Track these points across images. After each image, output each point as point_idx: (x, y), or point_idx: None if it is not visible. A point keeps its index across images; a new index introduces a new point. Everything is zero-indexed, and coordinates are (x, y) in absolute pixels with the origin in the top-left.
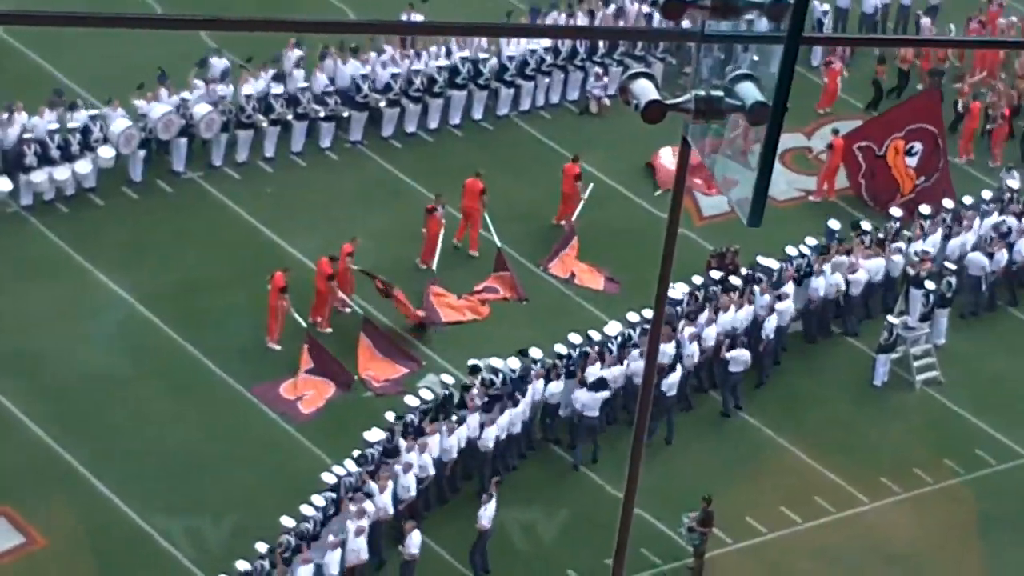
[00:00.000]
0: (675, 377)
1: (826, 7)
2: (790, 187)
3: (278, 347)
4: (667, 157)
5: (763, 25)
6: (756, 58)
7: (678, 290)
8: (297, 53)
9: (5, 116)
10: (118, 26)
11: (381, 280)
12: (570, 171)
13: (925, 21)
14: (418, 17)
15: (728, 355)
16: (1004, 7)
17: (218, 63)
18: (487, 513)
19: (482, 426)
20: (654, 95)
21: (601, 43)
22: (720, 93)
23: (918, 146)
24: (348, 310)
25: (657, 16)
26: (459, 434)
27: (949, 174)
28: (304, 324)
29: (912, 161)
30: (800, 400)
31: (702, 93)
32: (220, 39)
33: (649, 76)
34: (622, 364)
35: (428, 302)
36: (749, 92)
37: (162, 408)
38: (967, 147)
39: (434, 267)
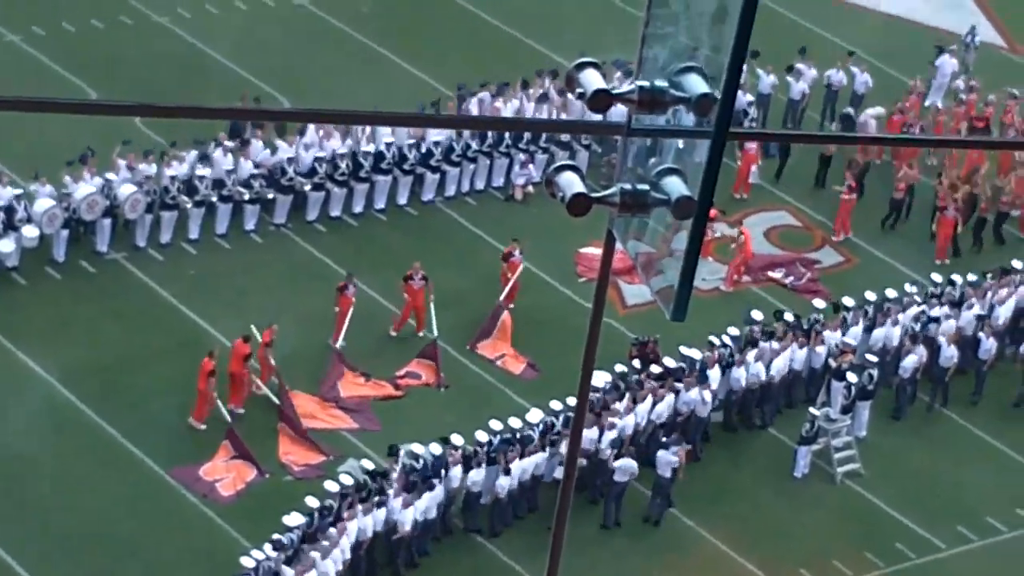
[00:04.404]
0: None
1: (750, 97)
2: (712, 276)
3: (203, 427)
4: (591, 248)
5: (690, 119)
6: (681, 145)
7: (600, 379)
8: (229, 144)
9: None
10: (55, 111)
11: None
12: (507, 255)
13: (872, 123)
14: None
15: (615, 464)
16: (924, 94)
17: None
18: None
19: (401, 508)
20: (580, 188)
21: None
22: (645, 187)
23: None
24: (260, 392)
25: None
26: (376, 516)
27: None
28: (228, 418)
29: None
30: (721, 490)
31: (627, 186)
32: (147, 122)
33: (574, 168)
34: (544, 451)
35: (330, 378)
36: (674, 186)
37: (81, 489)
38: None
39: (338, 345)
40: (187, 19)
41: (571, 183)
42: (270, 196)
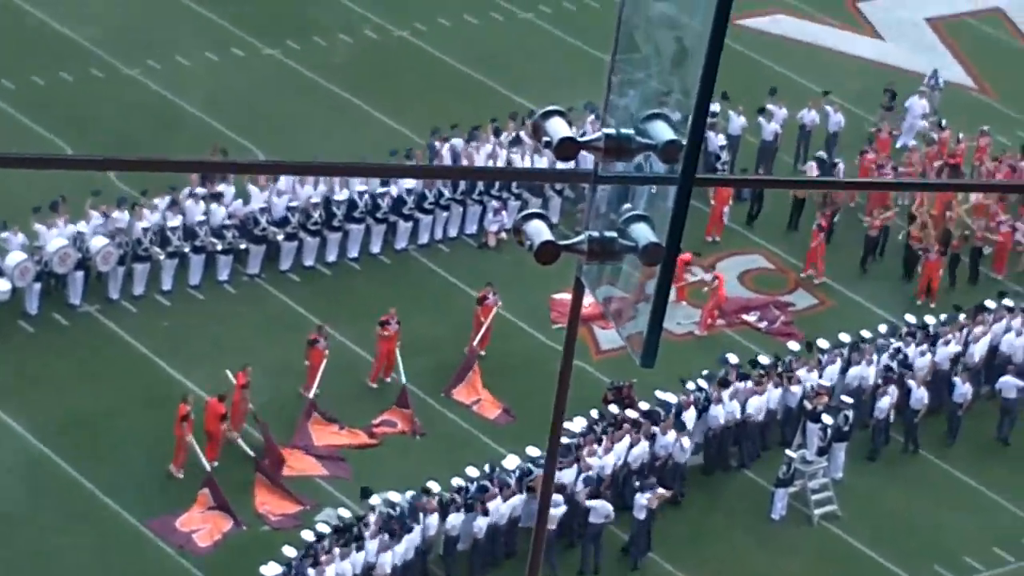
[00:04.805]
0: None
1: (723, 140)
2: (686, 320)
3: (181, 475)
4: (564, 294)
5: (658, 166)
6: (654, 190)
7: (576, 424)
8: (201, 191)
9: None
10: (25, 167)
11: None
12: (482, 298)
13: (840, 166)
14: None
15: (589, 504)
16: (894, 134)
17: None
18: None
19: (378, 552)
20: (547, 236)
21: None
22: (613, 234)
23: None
24: (236, 439)
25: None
26: (354, 559)
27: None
28: (207, 465)
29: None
30: (699, 533)
31: (595, 234)
32: (119, 173)
33: (542, 217)
34: (522, 493)
35: (302, 426)
36: (642, 233)
37: (57, 543)
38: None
39: (310, 395)
40: (158, 71)
41: (539, 231)
42: (243, 246)
